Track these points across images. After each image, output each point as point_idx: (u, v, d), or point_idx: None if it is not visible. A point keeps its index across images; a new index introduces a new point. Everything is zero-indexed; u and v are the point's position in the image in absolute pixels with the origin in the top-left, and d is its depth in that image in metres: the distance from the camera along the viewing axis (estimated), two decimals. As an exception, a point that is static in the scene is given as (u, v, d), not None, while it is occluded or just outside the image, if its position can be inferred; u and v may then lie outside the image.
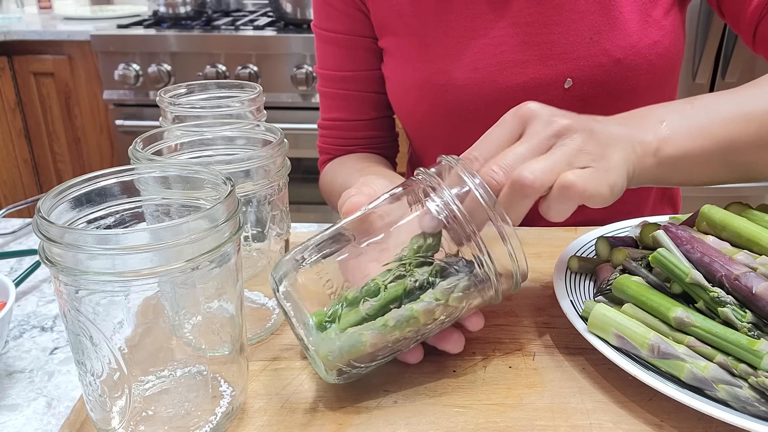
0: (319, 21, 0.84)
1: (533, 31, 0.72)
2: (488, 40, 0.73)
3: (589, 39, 0.71)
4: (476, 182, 0.44)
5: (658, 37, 0.72)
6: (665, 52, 0.72)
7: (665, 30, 0.72)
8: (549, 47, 0.72)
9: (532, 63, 0.73)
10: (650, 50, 0.71)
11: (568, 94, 0.73)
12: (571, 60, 0.72)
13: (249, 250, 0.54)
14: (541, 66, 0.72)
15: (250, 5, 2.51)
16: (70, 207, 0.40)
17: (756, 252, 0.51)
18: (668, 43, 0.72)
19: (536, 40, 0.72)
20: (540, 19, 0.72)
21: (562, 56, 0.72)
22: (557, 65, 0.72)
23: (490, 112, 0.75)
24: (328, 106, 0.87)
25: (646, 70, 0.72)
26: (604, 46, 0.71)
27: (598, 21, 0.71)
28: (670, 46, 0.73)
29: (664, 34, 0.72)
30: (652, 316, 0.49)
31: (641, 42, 0.71)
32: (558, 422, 0.45)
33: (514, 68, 0.73)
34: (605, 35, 0.71)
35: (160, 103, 0.57)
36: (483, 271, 0.44)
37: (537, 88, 0.73)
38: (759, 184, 1.82)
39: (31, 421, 0.48)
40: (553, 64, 0.72)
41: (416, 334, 0.45)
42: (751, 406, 0.42)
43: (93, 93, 2.09)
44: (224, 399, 0.44)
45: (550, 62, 0.72)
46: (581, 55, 0.71)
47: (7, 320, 0.52)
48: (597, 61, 0.71)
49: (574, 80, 0.72)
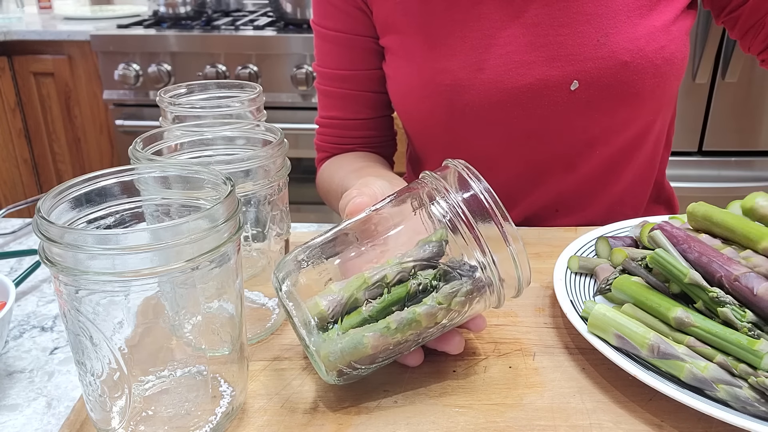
0: (319, 18, 0.83)
1: (541, 32, 0.72)
2: (495, 40, 0.73)
3: (596, 41, 0.71)
4: (481, 186, 0.44)
5: (665, 42, 0.72)
6: (671, 57, 0.72)
7: (672, 35, 0.72)
8: (556, 48, 0.72)
9: (538, 64, 0.72)
10: (657, 54, 0.71)
11: (574, 96, 0.72)
12: (577, 62, 0.71)
13: (249, 250, 0.54)
14: (548, 67, 0.72)
15: (250, 5, 2.51)
16: (70, 207, 0.40)
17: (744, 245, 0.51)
18: (674, 49, 0.72)
19: (543, 42, 0.72)
20: (548, 20, 0.72)
21: (568, 58, 0.72)
22: (564, 67, 0.72)
23: (494, 112, 0.75)
24: (326, 105, 0.87)
25: (652, 74, 0.72)
26: (611, 49, 0.71)
27: (605, 24, 0.71)
28: (677, 51, 0.73)
29: (671, 40, 0.72)
30: (651, 316, 0.49)
31: (648, 46, 0.71)
32: (558, 422, 0.45)
33: (520, 69, 0.73)
34: (612, 38, 0.71)
35: (160, 103, 0.57)
36: (486, 276, 0.44)
37: (543, 90, 0.73)
38: (759, 184, 1.83)
39: (31, 421, 0.48)
40: (560, 65, 0.72)
41: (417, 336, 0.45)
42: (751, 406, 0.42)
43: (93, 93, 2.09)
44: (224, 399, 0.44)
45: (557, 64, 0.72)
46: (588, 57, 0.71)
47: (7, 320, 0.52)
48: (603, 63, 0.71)
49: (580, 82, 0.72)
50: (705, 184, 1.82)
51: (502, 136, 0.76)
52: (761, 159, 1.83)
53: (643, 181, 0.85)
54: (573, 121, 0.74)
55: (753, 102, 1.76)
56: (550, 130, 0.75)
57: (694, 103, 1.76)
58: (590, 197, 0.81)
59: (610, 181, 0.81)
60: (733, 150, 1.83)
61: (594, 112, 0.74)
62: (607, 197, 0.82)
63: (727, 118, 1.78)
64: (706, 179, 1.83)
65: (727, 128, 1.79)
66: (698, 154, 1.83)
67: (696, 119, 1.78)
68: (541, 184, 0.80)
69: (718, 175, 1.83)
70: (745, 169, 1.83)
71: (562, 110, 0.73)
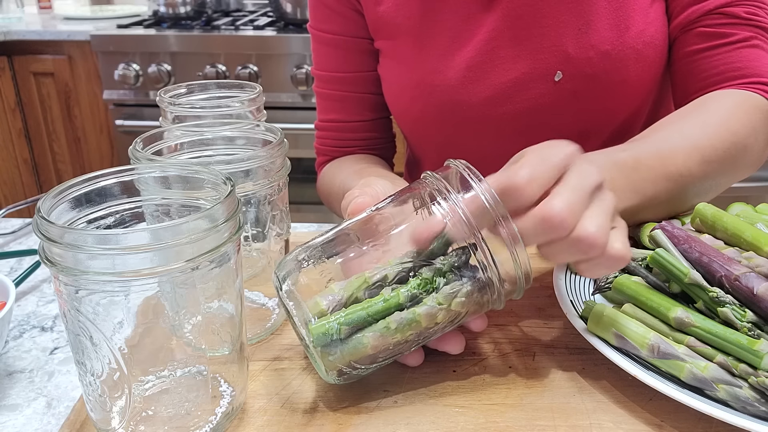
0: (315, 22, 0.83)
1: (524, 24, 0.72)
2: (481, 36, 0.74)
3: (577, 30, 0.71)
4: (483, 187, 0.44)
5: (643, 25, 0.72)
6: (651, 40, 0.72)
7: (650, 18, 0.72)
8: (539, 40, 0.72)
9: (522, 57, 0.73)
10: (636, 39, 0.71)
11: (559, 87, 0.73)
12: (560, 52, 0.72)
13: (249, 250, 0.54)
14: (531, 60, 0.73)
15: (250, 5, 2.51)
16: (70, 207, 0.40)
17: (747, 249, 0.51)
18: (653, 31, 0.72)
19: (527, 34, 0.72)
20: (530, 11, 0.72)
21: (551, 49, 0.72)
22: (547, 58, 0.72)
23: (483, 109, 0.75)
24: (325, 108, 0.87)
25: (635, 59, 0.72)
26: (592, 38, 0.71)
27: (586, 11, 0.71)
28: (656, 33, 0.73)
29: (649, 22, 0.72)
30: (651, 316, 0.49)
31: (628, 31, 0.71)
32: (558, 422, 0.45)
33: (505, 64, 0.73)
34: (593, 26, 0.71)
35: (160, 103, 0.57)
36: (487, 276, 0.44)
37: (528, 83, 0.73)
38: (759, 184, 1.82)
39: (31, 421, 0.48)
40: (543, 57, 0.72)
41: (417, 337, 0.45)
42: (751, 406, 0.42)
43: (93, 93, 2.09)
44: (224, 399, 0.44)
45: (540, 56, 0.72)
46: (570, 47, 0.71)
47: (7, 320, 0.52)
48: (585, 53, 0.71)
49: (564, 73, 0.72)
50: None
51: (494, 133, 0.77)
52: (761, 159, 1.83)
53: None
54: (561, 113, 0.75)
55: (753, 102, 1.75)
56: (540, 123, 0.75)
57: (694, 103, 1.76)
58: None
59: None
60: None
61: (581, 102, 0.74)
62: None
63: (727, 118, 1.77)
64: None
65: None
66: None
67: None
68: None
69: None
70: (745, 169, 1.83)
71: (548, 102, 0.74)
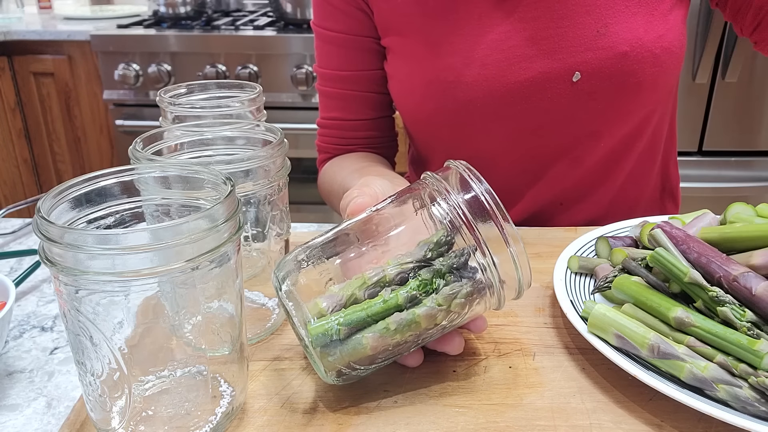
0: (319, 19, 0.83)
1: (540, 25, 0.72)
2: (496, 36, 0.73)
3: (596, 32, 0.71)
4: (483, 188, 0.44)
5: (663, 31, 0.72)
6: (669, 45, 0.73)
7: (669, 24, 0.73)
8: (556, 41, 0.72)
9: (539, 57, 0.73)
10: (655, 44, 0.72)
11: (576, 87, 0.73)
12: (578, 53, 0.72)
13: (249, 250, 0.54)
14: (549, 60, 0.73)
15: (250, 5, 2.51)
16: (70, 207, 0.40)
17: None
18: (672, 38, 0.73)
19: (543, 35, 0.72)
20: (547, 13, 0.72)
21: (569, 50, 0.72)
22: (565, 59, 0.72)
23: (498, 108, 0.75)
24: (327, 106, 0.87)
25: (652, 63, 0.72)
26: (611, 39, 0.71)
27: (604, 14, 0.72)
28: (674, 40, 0.73)
29: (669, 29, 0.73)
30: (651, 316, 0.49)
31: (647, 35, 0.72)
32: (558, 422, 0.45)
33: (522, 63, 0.73)
34: (612, 28, 0.71)
35: (160, 103, 0.57)
36: (486, 277, 0.44)
37: (545, 83, 0.73)
38: (759, 184, 1.83)
39: (31, 421, 0.48)
40: (561, 57, 0.72)
41: (417, 338, 0.45)
42: (751, 406, 0.42)
43: (93, 93, 2.09)
44: (224, 399, 0.44)
45: (558, 56, 0.72)
46: (588, 48, 0.72)
47: (7, 320, 0.52)
48: (604, 54, 0.72)
49: (582, 74, 0.72)
50: (705, 184, 1.82)
51: (507, 132, 0.77)
52: (761, 159, 1.83)
53: (645, 171, 0.85)
54: (576, 113, 0.75)
55: (753, 102, 1.75)
56: (553, 123, 0.75)
57: (694, 103, 1.76)
58: (593, 189, 0.82)
59: (613, 172, 0.81)
60: (733, 150, 1.82)
61: (597, 103, 0.74)
62: (610, 188, 0.82)
63: (727, 118, 1.77)
64: (706, 179, 1.83)
65: (727, 128, 1.79)
66: (698, 154, 1.83)
67: (696, 119, 1.78)
68: (546, 178, 0.80)
69: (717, 175, 1.83)
70: (745, 169, 1.83)
71: (565, 102, 0.74)
